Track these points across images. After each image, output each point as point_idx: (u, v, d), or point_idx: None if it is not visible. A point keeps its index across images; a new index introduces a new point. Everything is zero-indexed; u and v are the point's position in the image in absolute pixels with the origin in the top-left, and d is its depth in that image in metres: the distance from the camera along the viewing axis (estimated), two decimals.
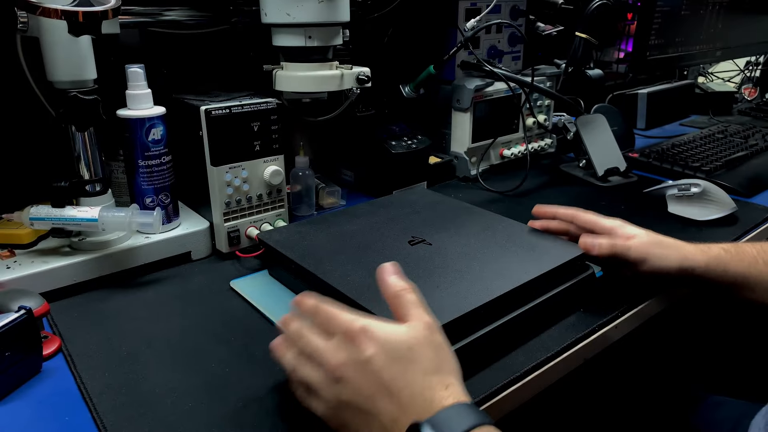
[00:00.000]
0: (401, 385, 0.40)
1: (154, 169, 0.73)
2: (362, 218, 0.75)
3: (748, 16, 1.45)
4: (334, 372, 0.42)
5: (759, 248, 0.64)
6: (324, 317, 0.45)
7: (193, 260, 0.77)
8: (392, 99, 1.06)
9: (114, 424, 0.47)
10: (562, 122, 1.11)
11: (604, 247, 0.62)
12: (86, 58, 0.66)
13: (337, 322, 0.43)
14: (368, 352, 0.41)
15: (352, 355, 0.41)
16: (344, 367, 0.41)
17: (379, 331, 0.42)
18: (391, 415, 0.40)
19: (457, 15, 1.04)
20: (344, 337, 0.42)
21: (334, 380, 0.42)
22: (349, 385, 0.41)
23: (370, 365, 0.41)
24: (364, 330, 0.42)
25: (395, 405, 0.40)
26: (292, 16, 0.74)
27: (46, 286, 0.66)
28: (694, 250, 0.63)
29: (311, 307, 0.46)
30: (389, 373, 0.40)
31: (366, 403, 0.40)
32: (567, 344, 0.58)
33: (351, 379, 0.41)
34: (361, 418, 0.41)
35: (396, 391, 0.40)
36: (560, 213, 0.70)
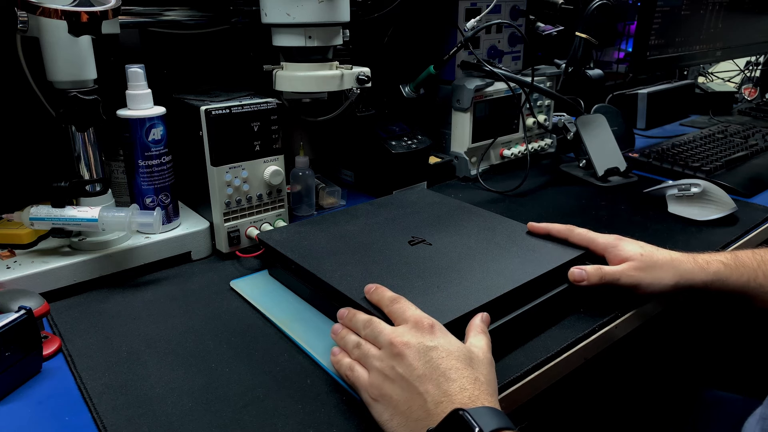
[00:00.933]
0: (454, 377, 0.44)
1: (154, 169, 0.73)
2: (362, 218, 0.75)
3: (748, 16, 1.45)
4: (398, 347, 0.46)
5: (760, 259, 0.63)
6: (402, 306, 0.50)
7: (193, 260, 0.77)
8: (392, 99, 1.06)
9: (114, 424, 0.47)
10: (562, 122, 1.11)
11: (593, 278, 0.61)
12: (86, 58, 0.66)
13: (412, 313, 0.49)
14: (434, 342, 0.46)
15: (419, 339, 0.46)
16: (408, 347, 0.46)
17: (447, 333, 0.48)
18: (436, 399, 0.43)
19: (457, 15, 1.04)
20: (415, 324, 0.48)
21: (394, 354, 0.46)
22: (406, 362, 0.45)
23: (432, 352, 0.45)
24: (434, 324, 0.48)
25: (442, 391, 0.43)
26: (292, 16, 0.74)
27: (46, 286, 0.66)
28: (692, 268, 0.61)
29: (393, 296, 0.52)
30: (447, 365, 0.45)
31: (416, 382, 0.44)
32: (567, 344, 0.58)
33: (410, 358, 0.45)
34: (407, 393, 0.44)
35: (448, 380, 0.44)
36: (554, 231, 0.69)
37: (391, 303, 0.51)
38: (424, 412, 0.43)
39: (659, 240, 0.66)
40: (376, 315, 0.52)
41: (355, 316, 0.53)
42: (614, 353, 0.65)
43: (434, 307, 0.54)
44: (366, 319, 0.51)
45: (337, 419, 0.48)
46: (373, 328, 0.50)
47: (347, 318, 0.54)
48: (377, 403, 0.46)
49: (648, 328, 0.68)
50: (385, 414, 0.45)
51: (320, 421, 0.48)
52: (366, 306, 0.54)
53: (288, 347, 0.58)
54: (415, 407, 0.43)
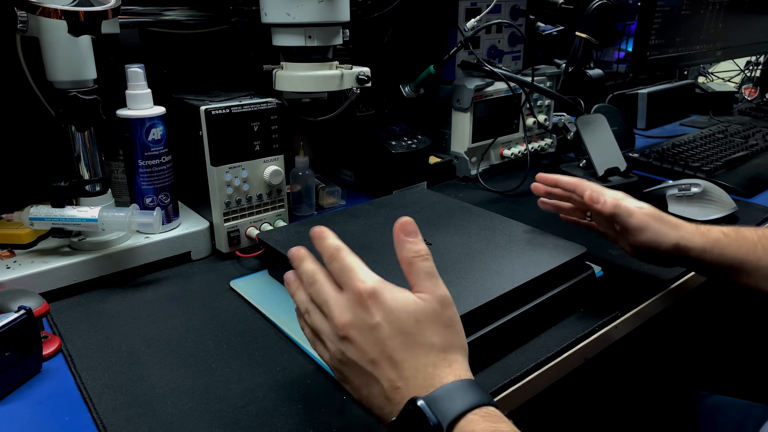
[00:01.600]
0: (404, 356, 0.40)
1: (154, 169, 0.73)
2: (362, 218, 0.75)
3: (748, 16, 1.45)
4: (341, 330, 0.41)
5: (761, 233, 0.63)
6: (339, 267, 0.43)
7: (193, 260, 0.77)
8: (392, 99, 1.06)
9: (114, 424, 0.47)
10: (562, 122, 1.11)
11: (608, 203, 0.62)
12: (86, 58, 0.66)
13: (351, 277, 0.42)
14: (375, 318, 0.40)
15: (360, 317, 0.41)
16: (350, 328, 0.41)
17: (388, 299, 0.41)
18: (393, 384, 0.40)
19: (457, 15, 1.04)
20: (354, 297, 0.41)
21: (340, 337, 0.41)
22: (354, 346, 0.41)
23: (376, 332, 0.40)
24: (374, 294, 0.41)
25: (397, 374, 0.40)
26: (292, 16, 0.74)
27: (46, 286, 0.66)
28: (693, 231, 0.62)
29: (330, 252, 0.44)
30: (393, 343, 0.40)
31: (368, 367, 0.40)
32: (567, 344, 0.58)
33: (356, 340, 0.41)
34: (363, 379, 0.41)
35: (399, 361, 0.40)
36: (563, 181, 0.69)
37: (330, 260, 0.44)
38: (383, 399, 0.40)
39: None
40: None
41: (302, 264, 0.46)
42: (614, 353, 0.65)
43: None
44: (310, 272, 0.45)
45: (337, 419, 0.48)
46: (317, 291, 0.44)
47: (296, 264, 0.46)
48: (344, 383, 0.43)
49: (648, 328, 0.68)
50: (355, 395, 0.43)
51: (320, 421, 0.48)
52: None
53: (288, 347, 0.58)
54: (375, 394, 0.41)
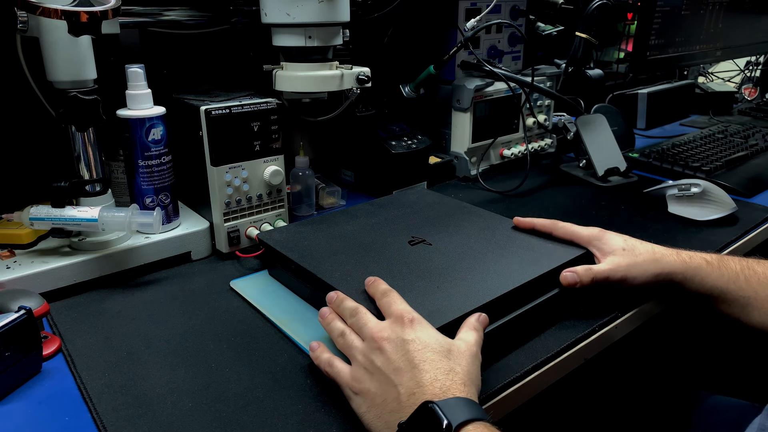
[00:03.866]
0: (427, 368, 0.45)
1: (154, 169, 0.73)
2: (362, 218, 0.75)
3: (748, 16, 1.45)
4: (378, 342, 0.47)
5: (744, 264, 0.63)
6: (390, 300, 0.51)
7: (193, 260, 0.77)
8: (392, 99, 1.06)
9: (114, 424, 0.47)
10: (562, 122, 1.11)
11: (585, 280, 0.61)
12: (86, 58, 0.66)
13: (397, 307, 0.50)
14: (412, 335, 0.47)
15: (397, 333, 0.48)
16: (386, 341, 0.47)
17: (428, 327, 0.49)
18: (410, 390, 0.44)
19: (457, 15, 1.04)
20: (396, 319, 0.49)
21: (374, 348, 0.47)
22: (385, 355, 0.46)
23: (409, 345, 0.46)
24: (415, 320, 0.49)
25: (415, 382, 0.44)
26: (292, 16, 0.74)
27: (46, 286, 0.66)
28: (673, 261, 0.62)
29: (385, 290, 0.53)
30: (421, 356, 0.45)
31: (392, 375, 0.45)
32: (567, 344, 0.58)
33: (387, 350, 0.47)
34: (383, 386, 0.45)
35: (421, 372, 0.44)
36: (538, 225, 0.70)
37: (382, 296, 0.53)
38: (397, 404, 0.44)
39: (659, 240, 0.66)
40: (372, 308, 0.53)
41: (343, 302, 0.54)
42: (614, 353, 0.65)
43: (434, 307, 0.54)
44: (353, 307, 0.52)
45: (337, 419, 0.48)
46: (358, 318, 0.51)
47: (335, 302, 0.55)
48: (357, 396, 0.47)
49: (648, 328, 0.68)
50: (363, 406, 0.46)
51: (320, 421, 0.48)
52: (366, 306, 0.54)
53: (288, 347, 0.58)
54: (389, 399, 0.44)
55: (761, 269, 0.63)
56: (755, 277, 0.62)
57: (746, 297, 0.61)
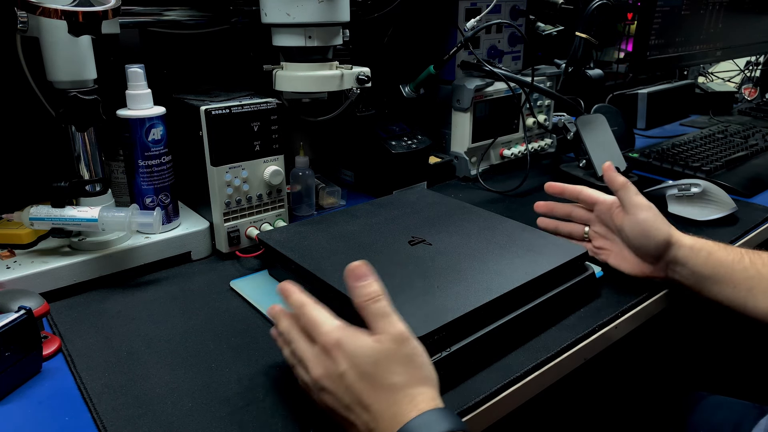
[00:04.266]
0: (371, 400, 0.42)
1: (154, 169, 0.73)
2: (362, 218, 0.75)
3: (748, 16, 1.45)
4: (317, 383, 0.45)
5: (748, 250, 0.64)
6: (306, 323, 0.47)
7: (193, 260, 0.77)
8: (392, 99, 1.06)
9: (114, 424, 0.47)
10: (562, 122, 1.11)
11: (621, 177, 0.67)
12: (86, 58, 0.66)
13: (317, 332, 0.45)
14: (341, 367, 0.43)
15: (329, 368, 0.44)
16: (324, 379, 0.44)
17: (350, 346, 0.44)
18: (368, 425, 0.42)
19: (457, 15, 1.04)
20: (322, 349, 0.45)
21: (318, 388, 0.45)
22: (330, 395, 0.44)
23: (344, 380, 0.43)
24: (338, 344, 0.44)
25: (370, 417, 0.42)
26: (292, 16, 0.74)
27: (46, 286, 0.66)
28: (683, 234, 0.65)
29: (296, 308, 0.48)
30: (359, 388, 0.43)
31: (345, 412, 0.44)
32: (567, 344, 0.58)
33: (331, 389, 0.44)
34: (345, 423, 0.44)
35: (368, 405, 0.42)
36: (567, 189, 0.76)
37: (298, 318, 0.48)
38: None
39: None
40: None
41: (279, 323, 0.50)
42: (614, 353, 0.66)
43: (434, 307, 0.54)
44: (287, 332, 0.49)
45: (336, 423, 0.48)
46: (294, 348, 0.47)
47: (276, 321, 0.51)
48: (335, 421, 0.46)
49: (647, 328, 0.68)
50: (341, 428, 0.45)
51: (320, 421, 0.48)
52: None
53: None
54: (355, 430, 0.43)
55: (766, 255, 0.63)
56: (760, 260, 0.63)
57: (751, 278, 0.61)
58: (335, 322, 0.46)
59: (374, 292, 0.45)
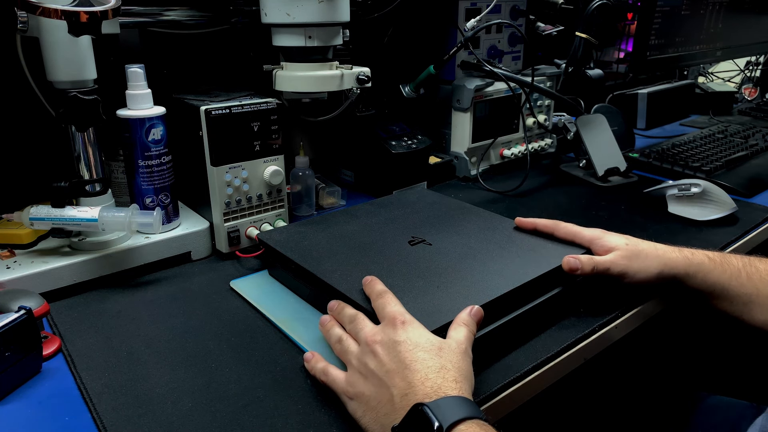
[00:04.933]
0: (418, 368, 0.45)
1: (154, 169, 0.73)
2: (362, 218, 0.75)
3: (748, 16, 1.45)
4: (370, 345, 0.48)
5: (746, 261, 0.63)
6: (385, 301, 0.52)
7: (193, 260, 0.77)
8: (392, 99, 1.06)
9: (114, 424, 0.47)
10: (562, 122, 1.11)
11: (586, 267, 0.61)
12: (86, 58, 0.66)
13: (390, 309, 0.50)
14: (401, 337, 0.47)
15: (388, 335, 0.48)
16: (379, 344, 0.48)
17: (419, 327, 0.49)
18: (402, 391, 0.44)
19: (457, 15, 1.04)
20: (388, 321, 0.49)
21: (367, 352, 0.48)
22: (377, 358, 0.47)
23: (400, 346, 0.46)
24: (407, 321, 0.49)
25: (407, 383, 0.44)
26: (292, 16, 0.74)
27: (46, 286, 0.66)
28: (676, 257, 0.62)
29: (380, 291, 0.53)
30: (412, 356, 0.46)
31: (385, 376, 0.45)
32: (567, 344, 0.58)
33: (381, 354, 0.47)
34: (377, 388, 0.46)
35: (412, 372, 0.45)
36: (540, 226, 0.70)
37: (377, 297, 0.53)
38: (390, 406, 0.44)
39: (659, 240, 0.66)
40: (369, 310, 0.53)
41: (344, 310, 0.54)
42: (614, 353, 0.65)
43: (434, 307, 0.54)
44: (352, 314, 0.53)
45: (337, 419, 0.48)
46: (356, 324, 0.52)
47: (336, 310, 0.55)
48: (352, 401, 0.47)
49: (648, 328, 0.68)
50: (359, 411, 0.46)
51: (320, 421, 0.48)
52: (366, 306, 0.54)
53: (288, 347, 0.58)
54: (384, 402, 0.45)
55: (763, 267, 0.63)
56: (757, 274, 0.62)
57: (748, 294, 0.61)
58: None
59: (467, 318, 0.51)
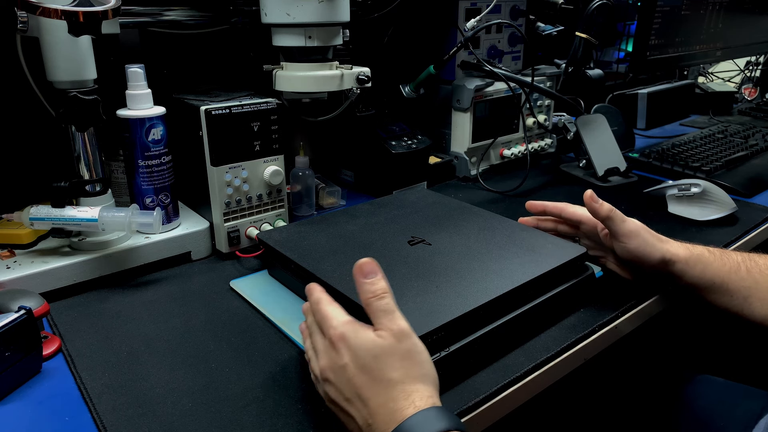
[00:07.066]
0: (369, 394, 0.43)
1: (154, 169, 0.74)
2: (362, 218, 0.75)
3: (748, 16, 1.45)
4: (322, 374, 0.46)
5: (745, 256, 0.64)
6: (319, 317, 0.48)
7: (193, 260, 0.77)
8: (392, 99, 1.06)
9: (114, 424, 0.47)
10: (562, 122, 1.11)
11: (605, 206, 0.64)
12: (86, 58, 0.66)
13: (327, 326, 0.47)
14: (343, 360, 0.44)
15: (333, 359, 0.45)
16: (328, 371, 0.45)
17: (352, 340, 0.45)
18: (366, 420, 0.43)
19: (457, 15, 1.04)
20: (329, 342, 0.46)
21: (323, 379, 0.46)
22: (333, 387, 0.45)
23: (345, 372, 0.44)
24: (342, 337, 0.45)
25: (367, 412, 0.43)
26: (292, 16, 0.74)
27: (46, 286, 0.66)
28: (678, 246, 0.63)
29: (313, 304, 0.50)
30: (359, 382, 0.43)
31: (345, 405, 0.44)
32: (567, 344, 0.58)
33: (333, 381, 0.45)
34: (345, 416, 0.45)
35: (366, 399, 0.43)
36: (549, 207, 0.72)
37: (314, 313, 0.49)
38: None
39: None
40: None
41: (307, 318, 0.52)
42: (614, 353, 0.65)
43: (434, 307, 0.54)
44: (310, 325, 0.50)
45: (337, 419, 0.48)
46: (313, 341, 0.49)
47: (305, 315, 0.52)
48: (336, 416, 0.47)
49: (648, 328, 0.68)
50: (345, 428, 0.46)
51: (320, 421, 0.48)
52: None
53: (288, 347, 0.58)
54: (353, 427, 0.44)
55: (762, 261, 0.63)
56: (756, 268, 0.62)
57: (747, 288, 0.61)
58: (345, 317, 0.47)
59: (380, 289, 0.46)
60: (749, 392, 0.75)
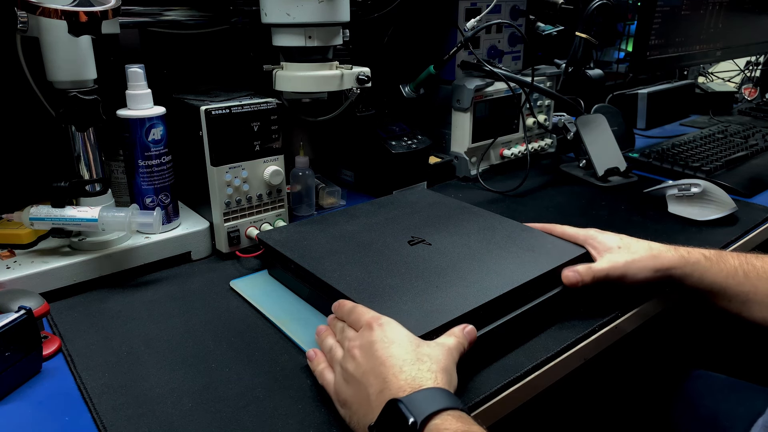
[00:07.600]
0: (392, 362, 0.45)
1: (154, 169, 0.74)
2: (362, 218, 0.75)
3: (748, 16, 1.45)
4: (350, 350, 0.48)
5: (743, 259, 0.63)
6: (356, 315, 0.51)
7: (193, 260, 0.77)
8: (392, 99, 1.06)
9: (114, 424, 0.47)
10: (562, 122, 1.11)
11: (586, 278, 0.62)
12: (86, 58, 0.66)
13: (366, 317, 0.50)
14: (377, 336, 0.47)
15: (365, 337, 0.48)
16: (357, 348, 0.48)
17: (397, 326, 0.49)
18: (378, 388, 0.44)
19: (457, 15, 1.04)
20: (366, 326, 0.49)
21: (347, 357, 0.48)
22: (355, 361, 0.47)
23: (374, 346, 0.47)
24: (384, 323, 0.49)
25: (381, 380, 0.44)
26: (292, 16, 0.74)
27: (46, 286, 0.66)
28: (671, 256, 0.62)
29: (349, 309, 0.53)
30: (386, 352, 0.46)
31: (362, 377, 0.46)
32: (567, 344, 0.58)
33: (358, 357, 0.47)
34: (356, 390, 0.46)
35: (386, 367, 0.45)
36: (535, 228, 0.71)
37: (349, 314, 0.52)
38: (368, 406, 0.44)
39: (659, 240, 0.66)
40: None
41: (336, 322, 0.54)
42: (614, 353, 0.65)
43: (434, 307, 0.54)
44: (342, 327, 0.53)
45: (337, 419, 0.48)
46: (344, 335, 0.51)
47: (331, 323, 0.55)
48: (342, 407, 0.47)
49: (647, 328, 0.68)
50: (347, 416, 0.46)
51: (320, 421, 0.48)
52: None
53: (288, 347, 0.58)
54: (363, 402, 0.45)
55: (760, 264, 0.63)
56: (754, 271, 0.62)
57: (745, 292, 0.61)
58: None
59: None
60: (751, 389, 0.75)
